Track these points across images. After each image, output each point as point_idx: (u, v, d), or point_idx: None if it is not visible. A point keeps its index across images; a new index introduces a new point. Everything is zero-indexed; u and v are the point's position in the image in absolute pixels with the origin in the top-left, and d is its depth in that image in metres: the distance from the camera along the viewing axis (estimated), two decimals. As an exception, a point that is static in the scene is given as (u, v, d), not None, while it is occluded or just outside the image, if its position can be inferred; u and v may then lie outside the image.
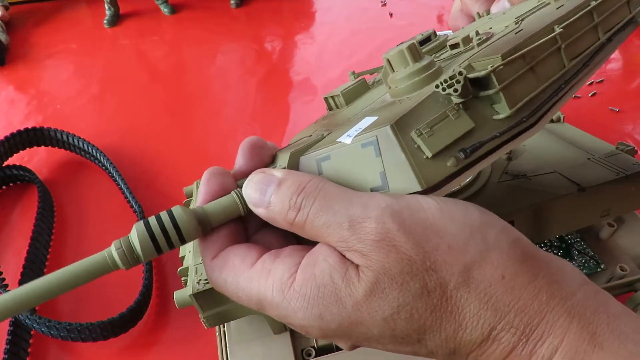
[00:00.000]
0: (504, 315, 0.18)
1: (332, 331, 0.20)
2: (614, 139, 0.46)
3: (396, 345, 0.20)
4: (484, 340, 0.18)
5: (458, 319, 0.19)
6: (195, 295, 0.32)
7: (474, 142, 0.21)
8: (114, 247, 0.21)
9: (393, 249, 0.19)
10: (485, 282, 0.18)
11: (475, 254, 0.19)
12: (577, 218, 0.38)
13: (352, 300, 0.19)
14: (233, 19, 1.08)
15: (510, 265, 0.19)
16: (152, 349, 0.45)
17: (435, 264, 0.19)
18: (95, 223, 0.59)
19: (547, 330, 0.18)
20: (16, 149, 0.65)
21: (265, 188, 0.21)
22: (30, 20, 1.11)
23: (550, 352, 0.18)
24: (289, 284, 0.20)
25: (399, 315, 0.19)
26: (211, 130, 0.74)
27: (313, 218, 0.20)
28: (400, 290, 0.19)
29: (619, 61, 0.80)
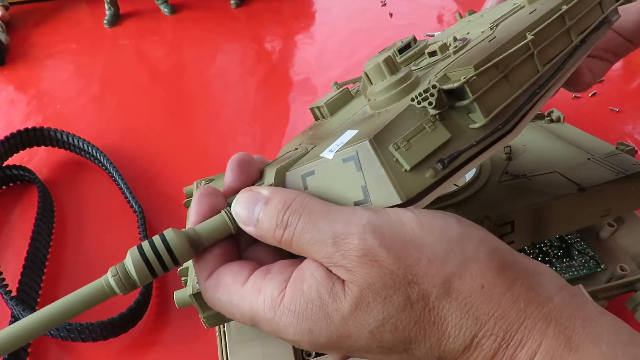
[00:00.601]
0: (484, 323, 0.19)
1: (322, 344, 0.21)
2: (614, 139, 0.46)
3: (384, 355, 0.21)
4: (467, 348, 0.19)
5: (441, 329, 0.19)
6: (195, 295, 0.32)
7: (452, 152, 0.21)
8: (110, 274, 0.21)
9: (375, 264, 0.19)
10: (465, 293, 0.19)
11: (454, 266, 0.20)
12: (577, 218, 0.38)
13: (339, 314, 0.20)
14: (233, 19, 1.08)
15: (488, 276, 0.20)
16: (152, 349, 0.45)
17: (416, 277, 0.19)
18: (95, 223, 0.59)
19: (525, 336, 0.19)
20: (16, 149, 0.65)
21: (253, 207, 0.22)
22: (30, 20, 1.11)
23: (529, 356, 0.19)
24: (279, 301, 0.21)
25: (384, 328, 0.20)
26: (211, 130, 0.74)
27: (299, 235, 0.21)
28: (384, 304, 0.19)
29: (619, 61, 0.80)
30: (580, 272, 0.40)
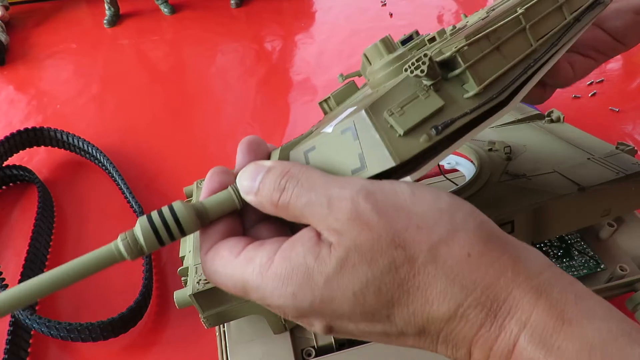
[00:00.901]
0: (471, 292, 0.19)
1: (306, 309, 0.21)
2: (614, 139, 0.46)
3: (367, 323, 0.20)
4: (452, 316, 0.19)
5: (425, 294, 0.19)
6: (195, 295, 0.32)
7: (446, 119, 0.22)
8: (120, 240, 0.22)
9: (365, 227, 0.20)
10: (452, 260, 0.19)
11: (442, 234, 0.20)
12: (577, 218, 0.38)
13: (323, 276, 0.20)
14: (233, 19, 1.08)
15: (476, 244, 0.20)
16: (152, 349, 0.45)
17: (404, 242, 0.19)
18: (95, 223, 0.59)
19: (514, 307, 0.19)
20: (16, 149, 0.65)
21: (256, 176, 0.22)
22: (30, 20, 1.11)
23: (518, 327, 0.18)
24: (267, 267, 0.21)
25: (368, 290, 0.19)
26: (211, 130, 0.74)
27: (295, 199, 0.21)
28: (369, 265, 0.19)
29: (619, 61, 0.80)
30: (580, 272, 0.40)
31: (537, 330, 0.18)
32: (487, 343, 0.19)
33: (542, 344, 0.18)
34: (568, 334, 0.18)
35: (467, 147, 0.46)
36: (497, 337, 0.19)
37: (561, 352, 0.18)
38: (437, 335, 0.20)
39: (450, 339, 0.20)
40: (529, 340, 0.18)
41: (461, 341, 0.20)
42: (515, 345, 0.18)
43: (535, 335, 0.18)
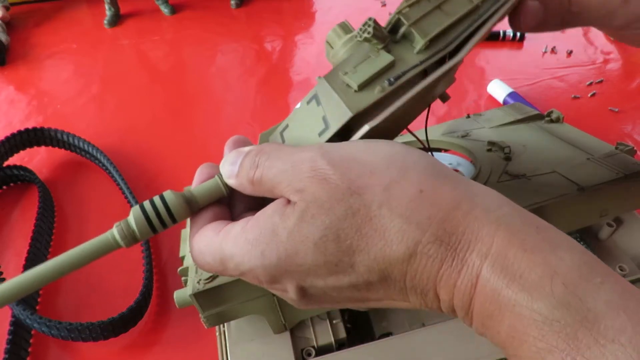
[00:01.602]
0: (427, 228, 0.19)
1: (274, 268, 0.21)
2: (613, 139, 0.46)
3: (334, 277, 0.21)
4: (412, 255, 0.19)
5: (384, 236, 0.19)
6: (195, 295, 0.32)
7: (398, 72, 0.24)
8: (115, 228, 0.24)
9: (324, 182, 0.21)
10: (405, 199, 0.20)
11: (394, 175, 0.20)
12: (577, 218, 0.38)
13: (286, 230, 0.21)
14: (233, 19, 1.08)
15: (427, 180, 0.20)
16: (152, 349, 0.46)
17: (359, 189, 0.20)
18: (95, 223, 0.59)
19: (474, 239, 0.19)
20: (16, 149, 0.65)
21: (236, 160, 0.24)
22: (30, 20, 1.11)
23: (480, 259, 0.18)
24: (240, 235, 0.22)
25: (327, 237, 0.20)
26: (211, 130, 0.74)
27: (267, 170, 0.22)
28: (327, 214, 0.20)
29: (619, 61, 0.80)
30: (579, 272, 0.40)
31: (498, 260, 0.18)
32: (450, 279, 0.19)
33: (504, 273, 0.18)
34: (530, 262, 0.18)
35: (466, 148, 0.46)
36: (460, 272, 0.19)
37: (523, 280, 0.18)
38: (403, 280, 0.20)
39: (417, 282, 0.20)
40: (490, 271, 0.18)
41: (426, 282, 0.20)
42: (478, 278, 0.18)
43: (497, 265, 0.18)
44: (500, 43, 0.86)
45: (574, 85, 0.75)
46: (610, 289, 0.17)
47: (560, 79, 0.77)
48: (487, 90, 0.75)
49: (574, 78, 0.77)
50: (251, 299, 0.34)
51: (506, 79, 0.75)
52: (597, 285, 0.17)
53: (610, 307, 0.16)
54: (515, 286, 0.18)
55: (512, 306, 0.18)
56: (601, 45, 0.84)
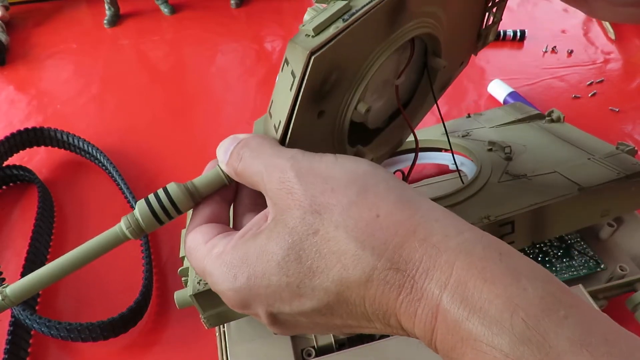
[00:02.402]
0: (382, 253, 0.19)
1: (245, 291, 0.21)
2: (613, 139, 0.46)
3: (297, 301, 0.20)
4: (368, 280, 0.19)
5: (340, 260, 0.19)
6: (195, 295, 0.32)
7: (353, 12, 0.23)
8: (122, 221, 0.25)
9: (290, 196, 0.21)
10: (361, 222, 0.19)
11: (352, 196, 0.20)
12: (578, 218, 0.38)
13: (256, 251, 0.21)
14: (233, 19, 1.07)
15: (385, 205, 0.20)
16: (152, 349, 0.45)
17: (319, 206, 0.20)
18: (95, 223, 0.59)
19: (432, 267, 0.18)
20: (16, 149, 0.64)
21: (230, 147, 0.24)
22: (30, 20, 1.11)
23: (439, 288, 0.18)
24: (220, 255, 0.22)
25: (289, 257, 0.20)
26: (211, 130, 0.74)
27: (248, 167, 0.23)
28: (290, 233, 0.20)
29: (619, 61, 0.80)
30: (580, 272, 0.40)
31: (458, 290, 0.17)
32: (410, 307, 0.18)
33: (464, 305, 0.17)
34: (490, 294, 0.17)
35: (467, 147, 0.46)
36: (419, 300, 0.18)
37: (483, 312, 0.17)
38: (363, 305, 0.19)
39: (377, 308, 0.19)
40: (451, 301, 0.17)
41: (386, 309, 0.19)
42: (438, 308, 0.18)
43: (457, 296, 0.17)
44: (501, 43, 0.86)
45: (575, 85, 0.75)
46: (574, 323, 0.16)
47: (561, 78, 0.77)
48: (487, 89, 0.75)
49: (575, 78, 0.77)
50: (251, 299, 0.34)
51: (506, 78, 0.75)
52: (560, 320, 0.16)
53: (573, 344, 0.16)
54: (475, 319, 0.17)
55: (472, 341, 0.17)
56: (601, 45, 0.84)
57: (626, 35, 0.85)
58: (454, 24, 0.30)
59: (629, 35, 0.85)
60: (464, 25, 0.31)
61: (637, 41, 0.84)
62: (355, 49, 0.24)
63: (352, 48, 0.23)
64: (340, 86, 0.25)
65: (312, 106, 0.24)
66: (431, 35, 0.28)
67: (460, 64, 0.35)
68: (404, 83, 0.32)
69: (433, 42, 0.29)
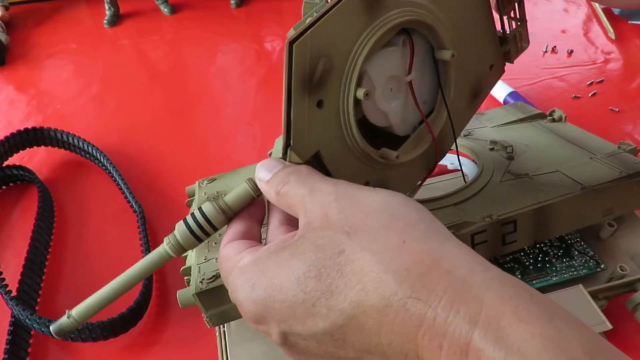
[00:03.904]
0: (404, 280, 0.18)
1: (261, 303, 0.21)
2: (614, 139, 0.46)
3: (311, 320, 0.20)
4: (387, 306, 0.18)
5: (361, 281, 0.19)
6: (198, 294, 0.32)
7: None
8: (165, 242, 0.28)
9: (325, 217, 0.21)
10: (388, 247, 0.19)
11: (383, 221, 0.20)
12: (580, 217, 0.38)
13: (277, 263, 0.21)
14: (233, 19, 1.07)
15: (412, 234, 0.20)
16: (152, 349, 0.45)
17: (350, 228, 0.20)
18: (96, 223, 0.59)
19: (457, 301, 0.17)
20: (16, 149, 0.64)
21: (272, 169, 0.25)
22: (30, 20, 1.11)
23: (468, 325, 0.17)
24: (244, 268, 0.23)
25: (310, 274, 0.20)
26: (211, 130, 0.74)
27: (292, 190, 0.23)
28: (315, 251, 0.20)
29: (619, 61, 0.80)
30: (580, 272, 0.40)
31: (490, 328, 0.17)
32: (434, 341, 0.17)
33: (500, 345, 0.16)
34: (526, 334, 0.16)
35: (469, 147, 0.46)
36: (444, 335, 0.17)
37: (522, 353, 0.16)
38: (379, 334, 0.19)
39: (394, 339, 0.18)
40: (484, 340, 0.16)
41: (406, 340, 0.18)
42: (469, 346, 0.17)
43: (490, 335, 0.16)
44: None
45: (575, 85, 0.75)
46: None
47: (561, 78, 0.77)
48: (487, 90, 0.75)
49: (575, 78, 0.77)
50: (254, 298, 0.34)
51: (506, 78, 0.75)
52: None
53: None
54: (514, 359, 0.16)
55: None
56: (602, 45, 0.84)
57: (626, 35, 0.85)
58: (456, 17, 0.30)
59: (629, 35, 0.85)
60: (469, 18, 0.31)
61: (637, 41, 0.84)
62: (337, 36, 0.24)
63: (332, 35, 0.24)
64: (332, 74, 0.25)
65: (307, 95, 0.24)
66: (424, 24, 0.28)
67: (490, 66, 0.34)
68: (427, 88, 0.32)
69: (430, 32, 0.29)
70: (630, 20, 0.88)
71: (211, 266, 0.35)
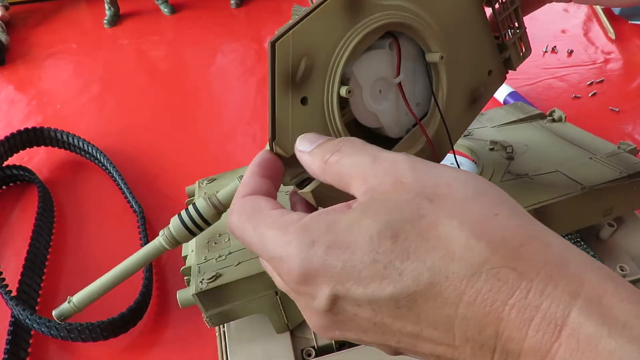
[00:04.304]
0: (499, 249, 0.17)
1: (317, 261, 0.19)
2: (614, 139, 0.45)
3: (376, 282, 0.18)
4: (475, 273, 0.17)
5: (447, 246, 0.17)
6: (198, 294, 0.32)
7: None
8: (160, 235, 0.29)
9: (398, 182, 0.19)
10: (478, 216, 0.18)
11: (470, 192, 0.19)
12: (580, 217, 0.38)
13: (346, 221, 0.19)
14: (233, 19, 1.08)
15: (502, 209, 0.18)
16: (152, 349, 0.45)
17: (432, 195, 0.19)
18: (95, 223, 0.59)
19: (556, 274, 0.16)
20: (16, 149, 0.64)
21: (315, 141, 0.23)
22: (30, 20, 1.11)
23: (569, 297, 0.16)
24: (295, 222, 0.20)
25: (385, 234, 0.18)
26: (211, 130, 0.74)
27: (345, 158, 0.22)
28: (392, 211, 0.19)
29: (619, 61, 0.80)
30: (581, 272, 0.40)
31: (593, 303, 0.15)
32: (524, 314, 0.16)
33: (603, 320, 0.15)
34: (631, 313, 0.15)
35: (469, 147, 0.46)
36: (538, 308, 0.16)
37: (628, 330, 0.15)
38: (457, 304, 0.17)
39: (475, 311, 0.17)
40: (585, 315, 0.15)
41: (488, 312, 0.17)
42: (566, 320, 0.16)
43: (593, 309, 0.15)
44: (501, 43, 0.86)
45: (575, 85, 0.75)
46: None
47: (561, 78, 0.77)
48: (487, 90, 0.75)
49: (575, 78, 0.77)
50: (254, 299, 0.34)
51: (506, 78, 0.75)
52: None
53: None
54: (619, 337, 0.15)
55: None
56: (602, 45, 0.84)
57: (626, 35, 0.85)
58: (446, 21, 0.30)
59: (629, 35, 0.85)
60: (460, 24, 0.31)
61: (637, 41, 0.84)
62: (318, 36, 0.25)
63: (313, 35, 0.25)
64: (315, 72, 0.26)
65: (291, 91, 0.25)
66: (408, 27, 0.29)
67: (488, 72, 0.35)
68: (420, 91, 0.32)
69: (416, 35, 0.30)
70: (630, 20, 0.88)
71: (211, 266, 0.35)
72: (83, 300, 0.31)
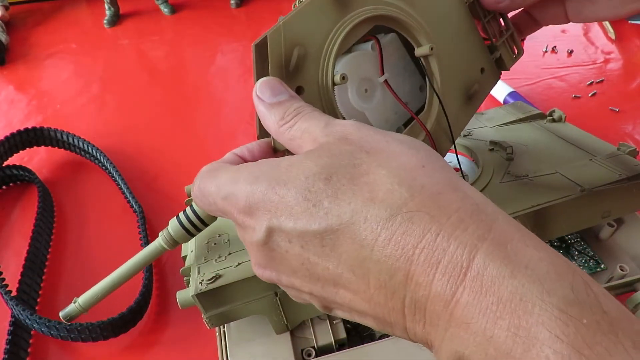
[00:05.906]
0: (417, 194, 0.18)
1: (259, 194, 0.21)
2: (614, 139, 0.46)
3: (304, 218, 0.20)
4: (392, 216, 0.18)
5: (373, 191, 0.19)
6: (197, 295, 0.32)
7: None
8: (160, 236, 0.30)
9: (344, 139, 0.21)
10: (407, 167, 0.19)
11: (404, 149, 0.20)
12: (579, 219, 0.38)
13: (288, 162, 0.21)
14: (233, 19, 1.07)
15: (431, 163, 0.20)
16: (152, 349, 0.45)
17: (370, 149, 0.20)
18: (95, 223, 0.59)
19: (467, 219, 0.17)
20: (16, 149, 0.64)
21: (278, 93, 0.24)
22: (30, 20, 1.11)
23: (476, 240, 0.17)
24: (244, 167, 0.22)
25: (320, 175, 0.20)
26: (211, 130, 0.74)
27: (302, 120, 0.23)
28: (331, 157, 0.20)
29: (619, 61, 0.80)
30: (580, 273, 0.40)
31: (499, 246, 0.16)
32: (432, 257, 0.17)
33: (507, 262, 0.16)
34: (534, 257, 0.16)
35: (468, 147, 0.46)
36: (445, 251, 0.17)
37: (530, 271, 0.15)
38: (372, 246, 0.18)
39: (387, 253, 0.18)
40: (490, 257, 0.16)
41: (399, 256, 0.17)
42: (471, 262, 0.16)
43: (497, 252, 0.16)
44: (501, 43, 0.86)
45: (575, 85, 0.75)
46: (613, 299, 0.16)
47: (561, 78, 0.77)
48: (487, 90, 0.75)
49: (575, 78, 0.77)
50: (254, 299, 0.34)
51: (506, 78, 0.75)
52: (605, 292, 0.16)
53: (623, 312, 0.15)
54: (522, 277, 0.15)
55: (517, 301, 0.15)
56: (602, 45, 0.84)
57: (626, 35, 0.85)
58: (433, 18, 0.31)
59: (629, 35, 0.85)
60: (447, 21, 0.32)
61: (637, 41, 0.84)
62: (309, 27, 0.26)
63: (304, 26, 0.26)
64: (308, 60, 0.26)
65: (286, 80, 0.26)
66: (395, 20, 0.30)
67: (481, 70, 0.35)
68: (407, 90, 0.32)
69: (403, 29, 0.30)
70: (630, 20, 0.88)
71: (211, 267, 0.35)
72: (88, 301, 0.32)
